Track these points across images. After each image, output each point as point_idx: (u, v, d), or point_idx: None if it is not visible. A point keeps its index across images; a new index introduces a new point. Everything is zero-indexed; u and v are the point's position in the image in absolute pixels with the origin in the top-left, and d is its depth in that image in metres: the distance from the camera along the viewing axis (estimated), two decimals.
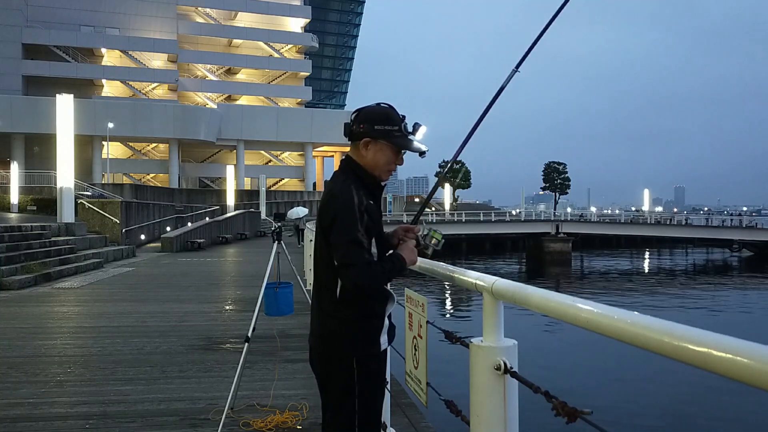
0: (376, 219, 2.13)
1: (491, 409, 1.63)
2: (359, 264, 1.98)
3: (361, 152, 2.17)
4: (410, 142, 2.16)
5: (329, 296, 2.10)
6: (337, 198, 2.08)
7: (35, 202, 28.47)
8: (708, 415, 10.00)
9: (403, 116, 2.18)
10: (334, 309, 2.09)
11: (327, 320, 2.12)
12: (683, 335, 0.97)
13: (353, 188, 2.08)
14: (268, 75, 66.49)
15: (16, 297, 9.86)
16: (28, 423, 3.88)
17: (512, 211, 65.95)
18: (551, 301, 1.41)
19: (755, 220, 54.95)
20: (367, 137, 2.13)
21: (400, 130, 2.13)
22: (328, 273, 2.09)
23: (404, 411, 3.66)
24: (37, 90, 52.19)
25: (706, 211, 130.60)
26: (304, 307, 6.73)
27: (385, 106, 2.19)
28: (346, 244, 2.00)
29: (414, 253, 2.25)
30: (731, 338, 0.90)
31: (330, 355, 2.11)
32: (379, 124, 2.12)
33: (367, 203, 2.09)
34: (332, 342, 2.10)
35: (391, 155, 2.16)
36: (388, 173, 2.20)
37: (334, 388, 2.12)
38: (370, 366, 2.09)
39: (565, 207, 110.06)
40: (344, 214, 2.03)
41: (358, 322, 2.08)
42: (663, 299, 25.32)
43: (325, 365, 2.14)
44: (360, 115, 2.17)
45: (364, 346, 2.09)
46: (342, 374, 2.08)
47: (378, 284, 2.09)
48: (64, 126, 17.61)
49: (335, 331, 2.09)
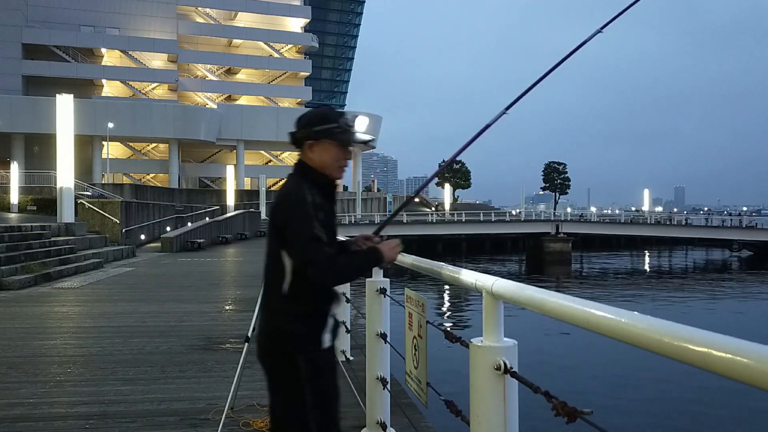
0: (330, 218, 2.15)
1: (491, 409, 1.63)
2: (321, 259, 2.02)
3: (308, 155, 2.20)
4: (352, 135, 2.21)
5: (276, 294, 2.13)
6: (290, 197, 2.12)
7: (35, 202, 28.47)
8: (708, 415, 10.00)
9: (342, 112, 2.23)
10: (279, 306, 2.13)
11: (272, 317, 2.16)
12: (683, 335, 0.97)
13: (305, 188, 2.12)
14: (268, 75, 66.51)
15: (16, 297, 9.85)
16: (28, 423, 3.88)
17: (512, 211, 65.96)
18: (551, 301, 1.41)
19: (755, 220, 54.95)
20: (309, 140, 2.17)
21: (340, 126, 2.18)
22: (276, 272, 2.13)
23: (404, 411, 3.66)
24: (37, 90, 52.19)
25: (706, 211, 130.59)
26: None
27: (323, 107, 2.26)
28: (304, 242, 2.04)
29: (395, 252, 2.30)
30: (731, 338, 0.90)
31: (275, 352, 2.14)
32: (318, 125, 2.17)
33: (321, 201, 2.12)
34: (277, 339, 2.13)
35: (337, 152, 2.19)
36: (340, 170, 2.23)
37: (280, 385, 2.14)
38: (315, 363, 2.10)
39: (565, 207, 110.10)
40: (299, 212, 2.06)
41: (302, 319, 2.10)
42: (663, 299, 25.32)
43: (271, 362, 2.16)
44: (300, 121, 2.22)
45: (309, 343, 2.11)
46: (288, 371, 2.10)
47: (345, 276, 2.16)
48: (64, 126, 17.61)
49: (280, 328, 2.13)
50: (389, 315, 3.43)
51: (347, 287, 5.34)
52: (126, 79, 58.66)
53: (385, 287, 3.38)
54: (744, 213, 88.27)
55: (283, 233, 2.10)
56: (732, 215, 67.30)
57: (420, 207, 75.32)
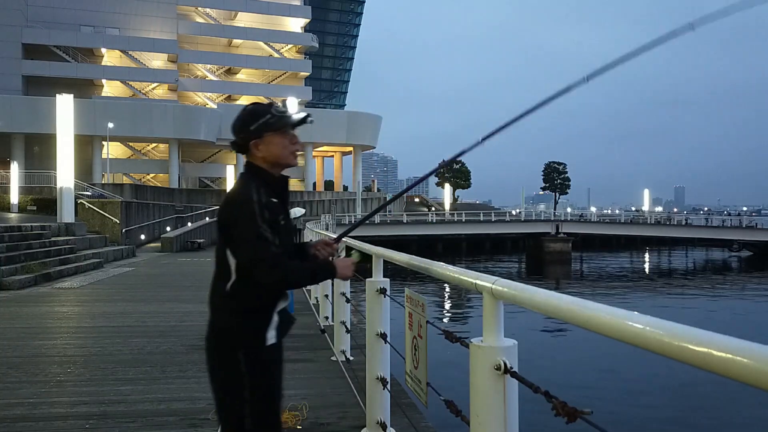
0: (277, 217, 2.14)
1: (491, 409, 1.63)
2: (268, 258, 2.01)
3: (257, 155, 2.19)
4: (288, 118, 2.20)
5: (220, 291, 2.14)
6: (235, 197, 2.12)
7: (35, 202, 28.47)
8: (708, 415, 10.00)
9: (270, 103, 2.23)
10: (223, 303, 2.14)
11: (216, 314, 2.17)
12: (683, 335, 0.97)
13: (253, 187, 2.11)
14: (268, 75, 66.50)
15: (16, 297, 9.86)
16: (28, 423, 3.88)
17: (512, 211, 65.92)
18: (551, 301, 1.41)
19: (755, 220, 54.92)
20: (252, 140, 2.17)
21: (273, 115, 2.17)
22: (221, 270, 2.14)
23: (404, 411, 3.66)
24: (37, 90, 52.18)
25: (706, 211, 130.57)
26: (304, 307, 6.76)
27: (249, 106, 2.25)
28: (250, 241, 2.03)
29: (350, 271, 2.27)
30: (731, 338, 0.90)
31: (217, 348, 2.15)
32: (252, 123, 2.17)
33: (268, 200, 2.11)
34: (219, 335, 2.14)
35: (282, 140, 2.19)
36: (294, 156, 2.23)
37: (223, 383, 2.14)
38: (256, 360, 2.10)
39: (565, 207, 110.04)
40: (244, 211, 2.06)
41: (244, 316, 2.11)
42: (663, 299, 25.32)
43: (213, 358, 2.17)
44: (235, 128, 2.21)
45: (250, 340, 2.11)
46: (228, 368, 2.11)
47: (292, 279, 2.12)
48: (64, 126, 17.61)
49: (222, 325, 2.14)
50: (389, 315, 3.43)
51: (347, 287, 5.35)
52: (126, 79, 58.65)
53: (385, 287, 3.38)
54: (744, 213, 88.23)
55: (229, 233, 2.09)
56: (732, 215, 67.30)
57: (420, 207, 75.33)
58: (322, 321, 6.81)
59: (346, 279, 2.33)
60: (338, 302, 5.46)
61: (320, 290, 7.82)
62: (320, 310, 7.37)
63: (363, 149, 66.60)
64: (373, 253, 3.52)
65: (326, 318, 7.03)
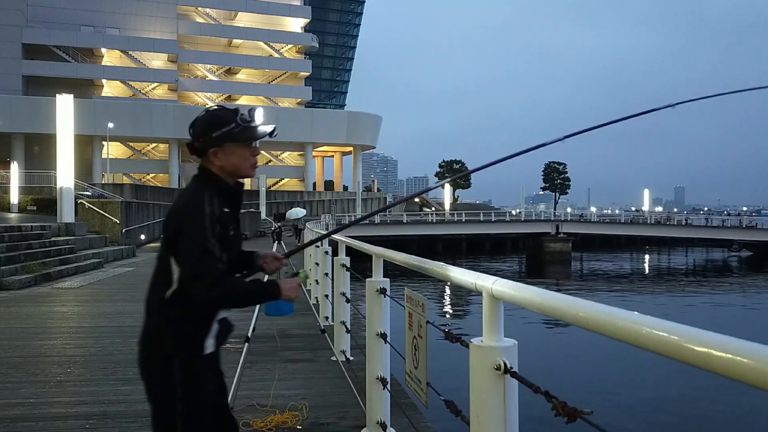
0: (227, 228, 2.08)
1: (491, 409, 1.63)
2: (210, 274, 1.94)
3: (214, 162, 2.11)
4: (254, 130, 2.12)
5: (158, 297, 2.07)
6: (185, 207, 2.05)
7: (35, 202, 28.48)
8: (708, 415, 10.00)
9: (235, 109, 2.14)
10: (159, 309, 2.07)
11: (151, 320, 2.09)
12: (683, 335, 0.97)
13: (206, 195, 2.03)
14: (268, 75, 66.53)
15: (16, 297, 9.85)
16: (28, 423, 3.88)
17: (512, 211, 65.94)
18: (551, 301, 1.41)
19: (755, 220, 54.93)
20: (211, 147, 2.08)
21: (238, 125, 2.09)
22: (162, 277, 2.07)
23: (404, 411, 3.66)
24: (37, 90, 52.22)
25: (706, 211, 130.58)
26: (304, 307, 6.73)
27: (214, 109, 2.16)
28: (195, 254, 1.95)
29: (295, 292, 2.18)
30: (731, 338, 0.90)
31: (152, 354, 2.08)
32: (216, 130, 2.07)
33: (221, 211, 2.04)
34: (154, 341, 2.07)
35: (243, 152, 2.11)
36: (252, 167, 2.16)
37: (156, 389, 2.09)
38: (192, 368, 2.04)
39: (565, 207, 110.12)
40: (193, 223, 1.98)
41: (181, 323, 2.04)
42: (663, 299, 25.33)
43: (147, 365, 2.10)
44: (195, 130, 2.12)
45: (186, 347, 2.04)
46: (163, 375, 2.04)
47: (232, 299, 2.03)
48: (64, 126, 17.61)
49: (158, 330, 2.07)
50: (389, 315, 3.43)
51: (347, 287, 5.34)
52: (126, 79, 58.68)
53: (385, 287, 3.38)
54: (744, 213, 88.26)
55: (175, 242, 2.01)
56: (732, 215, 67.29)
57: (421, 207, 75.33)
58: (322, 321, 6.81)
59: (290, 300, 2.21)
60: (338, 302, 5.46)
61: (320, 290, 7.82)
62: (320, 310, 7.38)
63: (363, 149, 66.61)
64: (373, 253, 3.52)
65: (326, 318, 7.03)
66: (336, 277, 5.45)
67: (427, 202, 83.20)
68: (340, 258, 5.22)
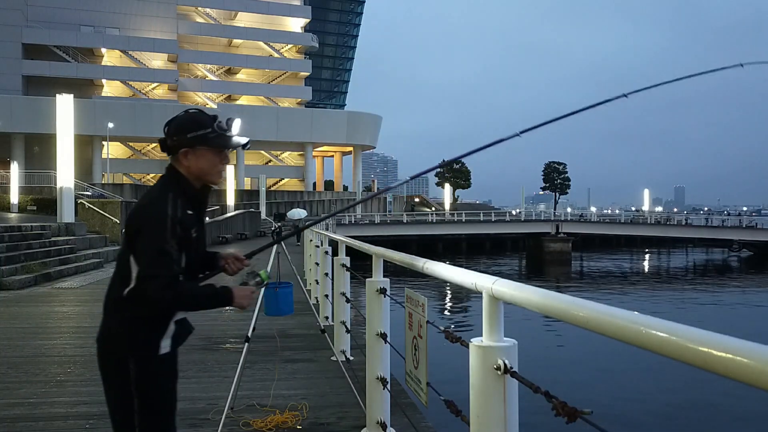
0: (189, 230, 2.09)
1: (491, 409, 1.63)
2: (164, 276, 1.95)
3: (183, 163, 2.13)
4: (228, 139, 2.15)
5: (115, 296, 2.08)
6: (148, 207, 2.06)
7: (35, 202, 28.48)
8: (708, 415, 10.01)
9: (214, 116, 2.17)
10: (116, 308, 2.08)
11: (108, 319, 2.11)
12: (683, 335, 0.97)
13: (170, 197, 2.05)
14: (268, 75, 66.52)
15: (16, 297, 9.85)
16: (28, 423, 3.88)
17: (512, 211, 65.96)
18: (551, 301, 1.41)
19: (755, 220, 54.91)
20: (183, 147, 2.11)
21: (214, 131, 2.12)
22: (121, 275, 2.08)
23: (404, 411, 3.66)
24: (37, 90, 52.21)
25: (706, 211, 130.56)
26: (304, 307, 6.74)
27: (193, 111, 2.18)
28: (151, 254, 1.97)
29: (247, 300, 2.18)
30: (731, 338, 0.90)
31: (108, 353, 2.10)
32: (191, 131, 2.10)
33: (183, 214, 2.06)
34: (110, 341, 2.09)
35: (213, 158, 2.14)
36: (219, 175, 2.18)
37: (111, 387, 2.10)
38: (147, 368, 2.05)
39: (565, 207, 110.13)
40: (154, 223, 2.00)
41: (137, 323, 2.05)
42: (663, 299, 25.32)
43: (103, 363, 2.12)
44: (171, 128, 2.14)
45: (142, 347, 2.05)
46: (118, 374, 2.06)
47: (184, 302, 2.05)
48: (64, 126, 17.60)
49: (114, 329, 2.08)
50: (389, 315, 3.43)
51: (347, 287, 5.35)
52: (126, 79, 58.68)
53: (385, 287, 3.38)
54: (744, 213, 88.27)
55: (135, 239, 2.03)
56: (732, 215, 67.29)
57: (421, 207, 75.36)
58: (322, 321, 6.81)
59: (242, 309, 2.20)
60: (338, 302, 5.46)
61: (320, 290, 7.82)
62: (320, 310, 7.38)
63: (363, 149, 66.60)
64: (373, 253, 3.52)
65: (326, 318, 7.04)
66: (336, 277, 5.45)
67: (427, 202, 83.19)
68: (340, 258, 5.22)
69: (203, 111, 2.19)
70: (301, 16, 67.04)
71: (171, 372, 2.18)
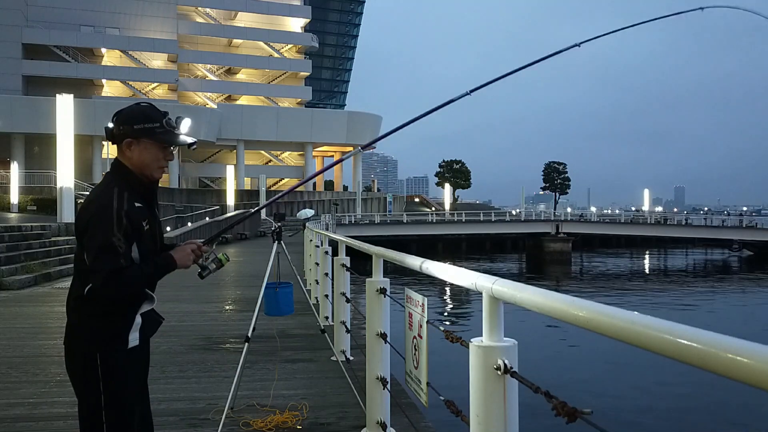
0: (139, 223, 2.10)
1: (491, 409, 1.63)
2: (107, 270, 1.98)
3: (126, 154, 2.14)
4: (175, 136, 2.17)
5: (76, 295, 2.10)
6: (94, 202, 2.07)
7: (35, 202, 28.49)
8: (708, 415, 10.01)
9: (165, 113, 2.18)
10: (77, 305, 2.09)
11: (71, 315, 2.12)
12: (683, 335, 0.97)
13: (116, 191, 2.06)
14: (268, 75, 66.49)
15: (16, 297, 9.86)
16: (28, 423, 3.88)
17: (512, 211, 65.93)
18: (551, 301, 1.41)
19: (755, 220, 54.89)
20: (128, 138, 2.12)
21: (162, 126, 2.13)
22: (80, 271, 2.10)
23: (404, 411, 3.66)
24: (37, 90, 52.18)
25: (706, 211, 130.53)
26: (304, 307, 6.74)
27: (144, 105, 2.19)
28: (97, 249, 1.99)
29: (188, 258, 2.23)
30: (731, 338, 0.89)
31: (73, 350, 2.11)
32: (139, 123, 2.12)
33: (130, 206, 2.07)
34: (73, 337, 2.10)
35: (157, 152, 2.15)
36: (160, 170, 2.19)
37: (79, 383, 2.11)
38: (114, 362, 2.06)
39: (565, 207, 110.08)
40: (99, 218, 2.01)
41: (100, 318, 2.07)
42: (663, 299, 25.32)
43: (70, 362, 2.13)
44: (120, 117, 2.15)
45: (108, 341, 2.07)
46: (85, 369, 2.07)
47: (130, 289, 2.07)
48: (64, 126, 17.60)
49: (76, 326, 2.10)
50: (389, 315, 3.43)
51: (347, 287, 5.34)
52: (126, 79, 58.65)
53: (385, 287, 3.38)
54: (744, 213, 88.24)
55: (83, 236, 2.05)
56: (732, 215, 67.29)
57: (420, 207, 75.36)
58: (322, 321, 6.81)
59: (186, 267, 2.25)
60: (338, 302, 5.46)
61: (320, 290, 7.82)
62: (320, 310, 7.38)
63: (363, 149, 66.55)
64: (373, 253, 3.52)
65: (326, 318, 7.04)
66: (336, 277, 5.45)
67: (427, 202, 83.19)
68: (340, 258, 5.22)
69: (155, 106, 2.20)
70: (301, 16, 67.01)
71: (142, 365, 2.19)
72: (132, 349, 2.10)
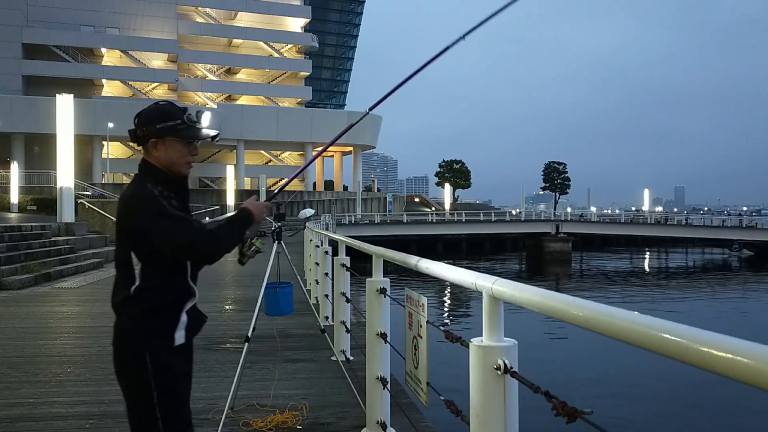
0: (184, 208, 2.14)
1: (491, 409, 1.63)
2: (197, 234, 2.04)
3: (152, 154, 2.16)
4: (198, 131, 2.19)
5: (122, 294, 2.11)
6: (134, 199, 2.10)
7: (35, 202, 28.49)
8: (708, 415, 10.01)
9: (184, 108, 2.20)
10: (124, 306, 2.11)
11: (120, 319, 2.14)
12: (683, 335, 0.97)
13: (149, 186, 2.09)
14: (268, 75, 66.50)
15: (16, 297, 9.85)
16: (28, 423, 3.88)
17: (512, 211, 65.92)
18: (551, 301, 1.41)
19: (755, 220, 54.91)
20: (152, 137, 2.14)
21: (184, 122, 2.15)
22: (125, 273, 2.11)
23: (404, 411, 3.66)
24: (37, 90, 52.18)
25: (706, 211, 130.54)
26: (304, 307, 6.74)
27: (163, 103, 2.22)
28: (172, 230, 2.02)
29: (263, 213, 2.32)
30: (731, 338, 0.90)
31: (123, 351, 2.12)
32: (161, 122, 2.14)
33: (169, 194, 2.11)
34: (123, 338, 2.12)
35: (182, 149, 2.17)
36: (187, 166, 2.21)
37: (130, 384, 2.12)
38: (164, 361, 2.08)
39: (565, 207, 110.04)
40: (151, 209, 2.04)
41: (148, 317, 2.09)
42: (663, 299, 25.32)
43: (120, 362, 2.14)
44: (141, 119, 2.18)
45: (156, 340, 2.09)
46: (135, 370, 2.08)
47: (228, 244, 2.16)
48: (64, 126, 17.60)
49: (126, 327, 2.11)
50: (389, 315, 3.43)
51: (347, 287, 5.35)
52: (126, 79, 58.65)
53: (385, 287, 3.38)
54: (744, 213, 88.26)
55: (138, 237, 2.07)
56: (732, 215, 67.28)
57: (421, 207, 75.36)
58: (322, 321, 6.81)
59: (261, 219, 2.33)
60: (338, 302, 5.46)
61: (320, 290, 7.82)
62: (320, 310, 7.38)
63: (363, 149, 66.59)
64: (373, 253, 3.52)
65: (326, 318, 7.04)
66: (336, 277, 5.45)
67: (427, 202, 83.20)
68: (340, 258, 5.22)
69: (173, 104, 2.23)
70: (301, 16, 67.01)
71: (188, 362, 2.22)
72: (179, 347, 2.13)
